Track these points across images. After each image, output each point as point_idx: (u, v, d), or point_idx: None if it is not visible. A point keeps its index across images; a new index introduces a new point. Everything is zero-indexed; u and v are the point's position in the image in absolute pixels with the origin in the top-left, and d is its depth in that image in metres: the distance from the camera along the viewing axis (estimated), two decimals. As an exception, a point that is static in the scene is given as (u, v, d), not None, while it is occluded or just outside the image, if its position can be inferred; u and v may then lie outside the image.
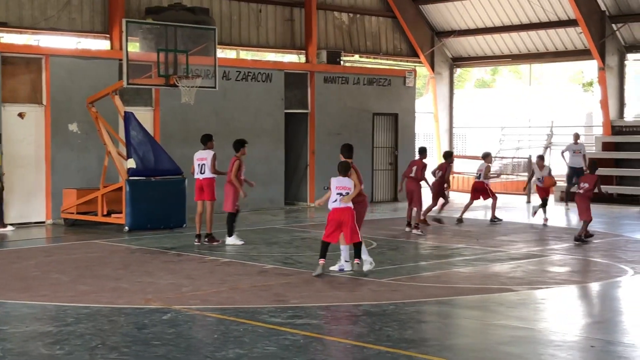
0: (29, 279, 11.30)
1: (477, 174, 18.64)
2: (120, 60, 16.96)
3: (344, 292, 10.48)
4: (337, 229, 11.49)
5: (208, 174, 14.57)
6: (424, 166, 16.74)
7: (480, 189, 18.38)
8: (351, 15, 25.40)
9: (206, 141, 14.88)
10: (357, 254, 11.54)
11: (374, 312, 9.24)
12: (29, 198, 17.64)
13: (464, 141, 30.39)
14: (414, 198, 16.31)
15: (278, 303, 9.72)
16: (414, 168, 16.66)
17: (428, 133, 29.46)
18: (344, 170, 11.77)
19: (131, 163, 16.40)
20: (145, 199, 16.41)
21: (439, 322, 9.10)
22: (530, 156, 25.36)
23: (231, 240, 14.50)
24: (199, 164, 14.68)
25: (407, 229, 16.36)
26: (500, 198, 24.34)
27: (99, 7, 19.73)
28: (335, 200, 11.54)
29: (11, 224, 16.83)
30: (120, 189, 16.50)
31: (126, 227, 16.23)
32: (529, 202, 23.27)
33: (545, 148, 26.69)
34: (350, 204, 11.52)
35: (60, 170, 17.82)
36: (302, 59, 23.59)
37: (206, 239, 14.54)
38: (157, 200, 16.53)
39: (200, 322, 8.78)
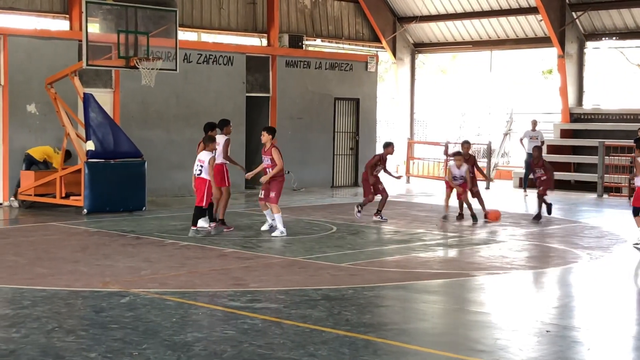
0: (-15, 262, 11.16)
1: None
2: (80, 41, 16.76)
3: (303, 277, 10.50)
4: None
5: (219, 159, 14.29)
6: (379, 159, 15.92)
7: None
8: (314, -1, 25.35)
9: (222, 126, 14.62)
10: (194, 219, 13.49)
11: (333, 297, 9.28)
12: (-14, 179, 17.41)
13: (425, 127, 30.50)
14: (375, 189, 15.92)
15: (237, 287, 9.72)
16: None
17: (389, 119, 29.53)
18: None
19: (90, 145, 16.24)
20: (104, 182, 16.27)
21: (398, 307, 9.16)
22: (490, 142, 25.58)
23: (200, 223, 14.43)
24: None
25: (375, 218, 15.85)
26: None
27: (58, -13, 19.46)
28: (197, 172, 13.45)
29: None
30: (79, 171, 16.34)
31: (85, 210, 16.09)
32: (487, 188, 23.46)
33: (505, 134, 26.92)
34: (205, 176, 13.37)
35: (18, 151, 17.59)
36: (264, 42, 23.51)
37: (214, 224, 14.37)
38: (116, 183, 16.40)
39: (159, 306, 8.74)
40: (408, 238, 13.97)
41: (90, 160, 16.17)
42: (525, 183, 22.41)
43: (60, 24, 19.63)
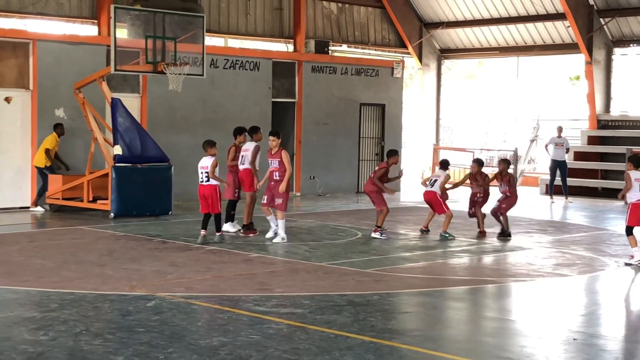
0: (13, 264, 11.27)
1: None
2: (108, 46, 16.89)
3: (328, 282, 10.51)
4: (205, 202, 13.21)
5: (247, 165, 14.33)
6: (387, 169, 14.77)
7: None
8: (340, 5, 25.38)
9: (252, 133, 14.63)
10: (207, 224, 13.22)
11: (358, 302, 9.27)
12: (15, 183, 17.57)
13: (451, 133, 30.41)
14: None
15: (262, 292, 9.74)
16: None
17: (415, 124, 29.46)
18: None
19: (117, 150, 16.36)
20: (131, 186, 16.38)
21: (423, 313, 9.14)
22: (516, 148, 25.46)
23: (226, 227, 14.53)
24: (242, 155, 14.37)
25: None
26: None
27: (87, -8, 19.65)
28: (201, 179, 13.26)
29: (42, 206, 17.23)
30: (106, 175, 16.47)
31: (112, 214, 16.20)
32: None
33: (531, 141, 26.78)
34: (213, 182, 13.13)
35: (46, 155, 17.72)
36: (290, 48, 23.57)
37: (241, 230, 14.46)
38: (143, 187, 16.50)
39: (185, 310, 8.79)
40: (433, 244, 13.93)
41: (117, 164, 16.29)
42: (551, 189, 22.28)
43: (88, 29, 19.80)
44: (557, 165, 22.07)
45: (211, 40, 21.88)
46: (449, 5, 26.84)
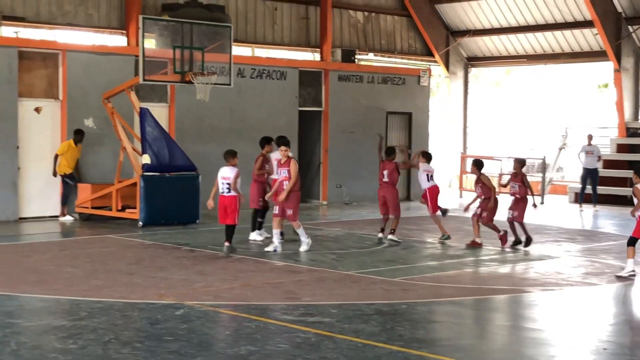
0: (43, 273, 11.37)
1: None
2: (137, 56, 17.03)
3: (356, 291, 10.50)
4: (224, 212, 12.91)
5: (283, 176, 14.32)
6: (396, 167, 14.93)
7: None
8: (366, 13, 25.40)
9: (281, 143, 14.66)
10: (227, 236, 12.93)
11: (386, 311, 9.26)
12: (44, 192, 17.73)
13: (478, 141, 30.28)
14: (389, 204, 14.86)
15: (290, 300, 9.75)
16: (385, 172, 14.88)
17: (442, 132, 29.38)
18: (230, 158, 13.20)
19: (146, 159, 16.47)
20: (160, 195, 16.47)
21: (451, 323, 9.10)
22: (544, 157, 25.31)
23: (253, 236, 14.58)
24: (277, 167, 14.24)
25: (380, 235, 14.97)
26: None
27: (115, 3, 19.82)
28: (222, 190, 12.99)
29: (71, 214, 17.33)
30: (134, 184, 16.58)
31: (140, 222, 16.30)
32: (542, 203, 23.22)
33: (560, 149, 26.62)
34: (234, 193, 12.86)
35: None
36: (317, 57, 23.62)
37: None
38: (171, 196, 16.58)
39: (213, 318, 8.82)
40: (461, 253, 13.87)
41: (146, 173, 16.39)
42: (581, 198, 22.13)
43: (117, 40, 19.97)
44: (589, 173, 21.94)
45: (238, 50, 21.97)
46: (476, 14, 26.78)
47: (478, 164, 14.71)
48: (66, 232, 16.11)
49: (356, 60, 23.79)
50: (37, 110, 17.74)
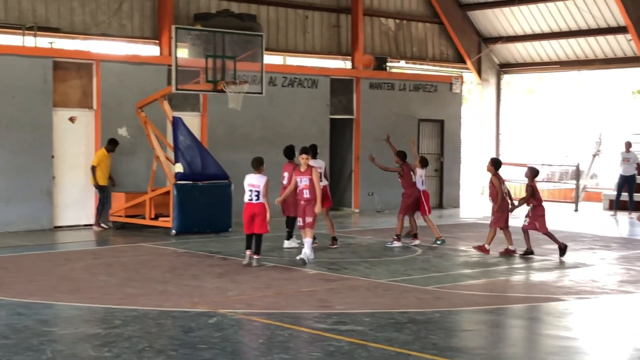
0: (78, 281, 11.47)
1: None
2: (169, 66, 17.15)
3: (389, 299, 10.47)
4: (251, 220, 12.54)
5: (323, 181, 14.50)
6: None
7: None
8: (397, 21, 25.38)
9: (316, 152, 14.84)
10: (256, 246, 12.64)
11: (419, 320, 9.22)
12: (79, 201, 17.90)
13: (511, 148, 30.11)
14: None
15: (323, 309, 9.75)
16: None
17: (475, 140, 29.24)
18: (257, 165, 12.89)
19: (179, 167, 16.57)
20: (192, 203, 16.55)
21: (485, 331, 9.05)
22: (578, 164, 25.10)
23: (287, 244, 14.63)
24: (320, 172, 14.02)
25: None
26: (547, 205, 24.11)
27: (148, 13, 19.99)
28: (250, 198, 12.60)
29: (105, 224, 17.52)
30: (167, 192, 16.68)
31: (173, 231, 16.39)
32: (576, 210, 23.04)
33: (594, 156, 26.38)
34: (262, 200, 12.52)
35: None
36: (348, 65, 23.63)
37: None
38: (204, 204, 16.66)
39: (246, 327, 8.84)
40: (495, 261, 13.79)
41: (178, 182, 16.49)
42: (616, 205, 21.93)
43: (150, 50, 20.13)
44: (626, 181, 21.74)
45: (270, 59, 22.05)
46: (508, 20, 26.64)
47: (495, 163, 14.52)
48: (100, 241, 16.24)
49: (387, 67, 23.77)
50: (72, 119, 17.92)
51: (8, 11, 18.08)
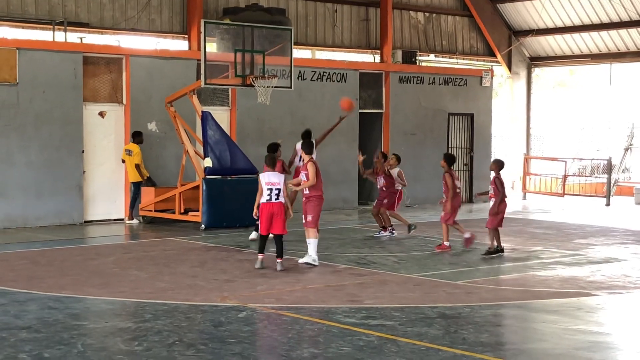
0: (108, 275, 11.54)
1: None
2: (199, 60, 17.19)
3: (419, 294, 10.42)
4: (269, 221, 11.95)
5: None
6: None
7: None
8: (427, 14, 25.25)
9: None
10: (278, 249, 12.03)
11: (449, 315, 9.17)
12: (109, 196, 18.01)
13: (542, 142, 29.88)
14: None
15: (352, 303, 9.72)
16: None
17: (505, 133, 29.05)
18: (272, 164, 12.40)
19: (208, 162, 16.61)
20: (222, 198, 16.59)
21: (516, 326, 8.97)
22: (610, 157, 24.85)
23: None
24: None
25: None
26: (579, 200, 23.97)
27: (177, 8, 20.05)
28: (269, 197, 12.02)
29: (137, 218, 17.64)
30: (197, 187, 16.73)
31: (202, 225, 16.44)
32: (608, 204, 22.81)
33: (626, 149, 26.10)
34: (282, 199, 11.95)
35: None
36: (377, 58, 23.55)
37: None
38: (233, 199, 16.68)
39: (275, 321, 8.84)
40: (525, 256, 13.68)
41: (208, 176, 16.52)
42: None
43: (179, 44, 20.19)
44: None
45: (298, 53, 22.05)
46: (539, 13, 26.41)
47: (498, 164, 14.21)
48: (130, 235, 16.33)
49: (417, 61, 23.66)
50: (102, 114, 18.03)
51: (38, 7, 18.22)
